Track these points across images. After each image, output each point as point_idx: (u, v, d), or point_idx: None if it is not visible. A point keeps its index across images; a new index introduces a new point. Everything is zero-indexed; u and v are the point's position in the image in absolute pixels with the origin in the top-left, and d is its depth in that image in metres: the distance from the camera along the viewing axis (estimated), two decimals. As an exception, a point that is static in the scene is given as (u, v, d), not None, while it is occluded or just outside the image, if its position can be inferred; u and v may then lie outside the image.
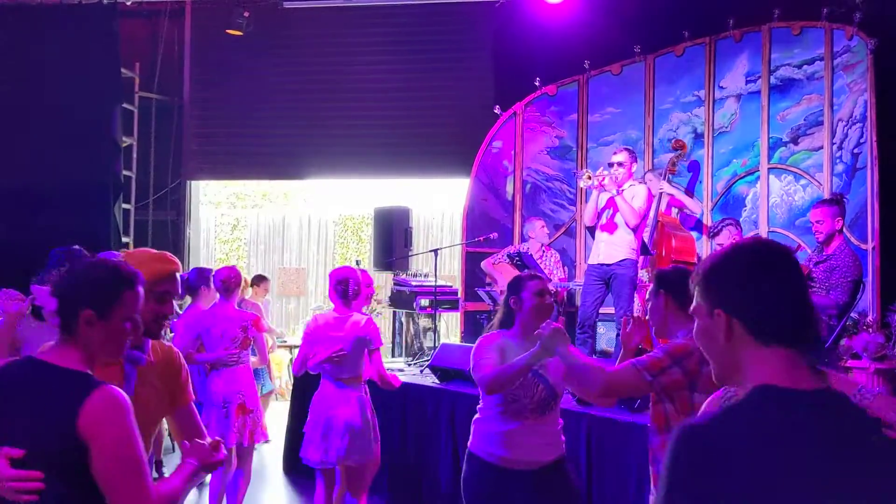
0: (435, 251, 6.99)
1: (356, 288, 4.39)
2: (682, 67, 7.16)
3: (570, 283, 7.00)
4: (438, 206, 11.72)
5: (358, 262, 8.95)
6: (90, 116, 8.54)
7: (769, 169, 6.57)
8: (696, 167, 7.06)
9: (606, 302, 6.03)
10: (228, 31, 8.81)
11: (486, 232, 7.38)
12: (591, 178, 6.00)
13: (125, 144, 9.04)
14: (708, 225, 6.77)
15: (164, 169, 9.46)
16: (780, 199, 6.51)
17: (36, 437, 1.76)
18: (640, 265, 6.07)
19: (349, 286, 4.37)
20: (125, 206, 9.04)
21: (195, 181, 9.85)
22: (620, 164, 5.90)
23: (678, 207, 6.89)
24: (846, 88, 6.05)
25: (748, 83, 6.75)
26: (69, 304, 1.85)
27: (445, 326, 9.61)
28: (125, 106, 9.00)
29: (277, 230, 12.09)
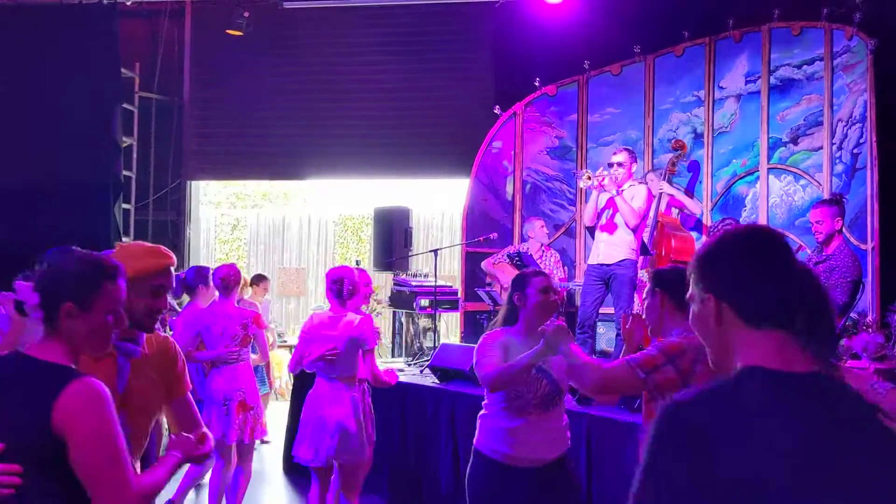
0: (435, 251, 6.98)
1: (350, 287, 4.40)
2: (681, 68, 7.16)
3: (569, 283, 7.00)
4: (438, 206, 11.73)
5: (358, 262, 8.95)
6: (90, 116, 8.53)
7: (769, 169, 6.57)
8: (695, 167, 7.06)
9: (606, 302, 6.03)
10: (228, 31, 8.82)
11: (485, 232, 7.38)
12: (590, 178, 6.00)
13: (125, 144, 9.04)
14: (708, 225, 6.77)
15: (164, 169, 9.47)
16: (779, 199, 6.52)
17: (15, 430, 1.77)
18: (639, 265, 6.08)
19: (343, 286, 4.38)
20: (125, 206, 9.04)
21: (195, 181, 9.85)
22: (620, 164, 5.90)
23: (678, 208, 6.89)
24: (846, 88, 6.05)
25: (748, 83, 6.75)
26: (50, 297, 1.85)
27: (445, 326, 9.62)
28: (125, 106, 9.00)
29: (277, 230, 12.09)
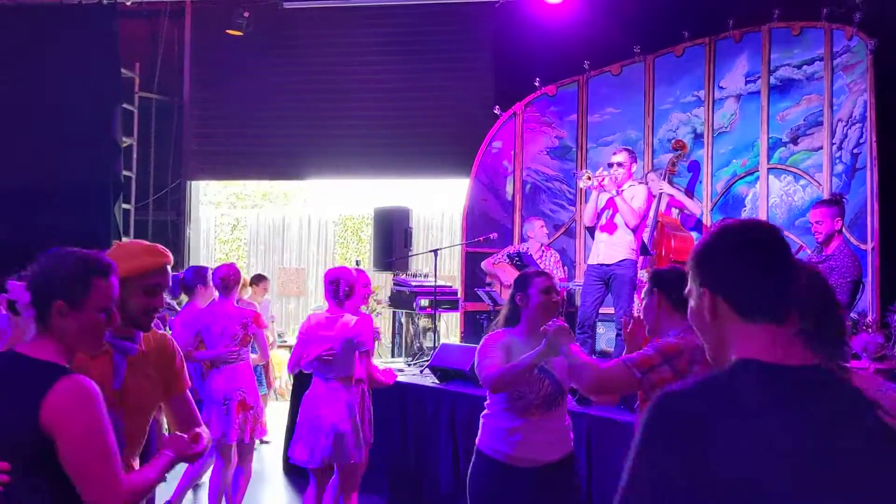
0: (435, 251, 6.98)
1: (347, 288, 4.39)
2: (681, 68, 7.16)
3: (569, 283, 7.00)
4: (438, 206, 11.73)
5: (358, 262, 8.96)
6: (90, 116, 8.54)
7: (769, 169, 6.57)
8: (695, 167, 7.06)
9: (606, 302, 6.03)
10: (228, 31, 8.83)
11: (485, 232, 7.38)
12: (590, 178, 6.00)
13: (125, 144, 9.05)
14: (708, 225, 6.77)
15: (164, 169, 9.47)
16: (779, 199, 6.51)
17: (3, 428, 1.77)
18: (639, 265, 6.08)
19: (340, 286, 4.38)
20: (125, 206, 9.04)
21: (195, 181, 9.86)
22: (620, 164, 5.90)
23: (678, 208, 6.89)
24: (846, 89, 6.05)
25: (748, 83, 6.75)
26: (41, 296, 1.86)
27: (445, 326, 9.61)
28: (125, 106, 9.00)
29: (277, 230, 12.09)
